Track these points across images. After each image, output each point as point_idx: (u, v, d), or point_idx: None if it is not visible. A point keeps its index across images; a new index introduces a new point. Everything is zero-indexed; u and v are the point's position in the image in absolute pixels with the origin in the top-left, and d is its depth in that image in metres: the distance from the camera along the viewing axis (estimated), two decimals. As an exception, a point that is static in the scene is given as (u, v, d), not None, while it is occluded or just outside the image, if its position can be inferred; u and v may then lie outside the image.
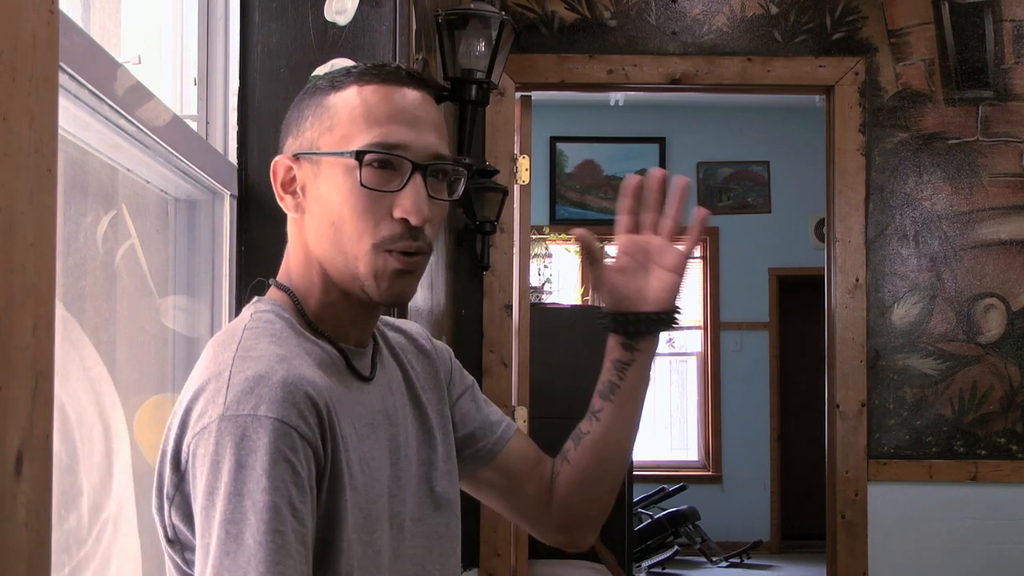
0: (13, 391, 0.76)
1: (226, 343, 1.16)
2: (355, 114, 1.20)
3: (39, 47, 0.80)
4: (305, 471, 1.08)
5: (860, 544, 3.97)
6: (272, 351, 1.13)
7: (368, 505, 1.17)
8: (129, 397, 1.63)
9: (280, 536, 1.03)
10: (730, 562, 7.67)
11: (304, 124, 1.23)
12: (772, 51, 4.06)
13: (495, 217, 3.83)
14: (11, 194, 0.76)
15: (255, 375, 1.09)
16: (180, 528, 1.11)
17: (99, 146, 1.51)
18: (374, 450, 1.20)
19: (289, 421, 1.07)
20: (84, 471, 1.35)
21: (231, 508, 1.04)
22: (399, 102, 1.21)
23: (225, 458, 1.05)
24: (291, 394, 1.08)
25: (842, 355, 4.01)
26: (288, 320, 1.21)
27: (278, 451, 1.05)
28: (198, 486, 1.07)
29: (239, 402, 1.07)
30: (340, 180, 1.19)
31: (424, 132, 1.21)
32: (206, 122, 2.05)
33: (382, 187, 1.18)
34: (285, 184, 1.24)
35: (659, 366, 8.43)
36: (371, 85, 1.21)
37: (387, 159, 1.18)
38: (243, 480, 1.04)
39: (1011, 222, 4.03)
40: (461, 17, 2.93)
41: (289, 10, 2.11)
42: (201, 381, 1.12)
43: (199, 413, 1.09)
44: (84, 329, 1.48)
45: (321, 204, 1.21)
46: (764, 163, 8.18)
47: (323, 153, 1.20)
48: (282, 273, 1.27)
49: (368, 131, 1.19)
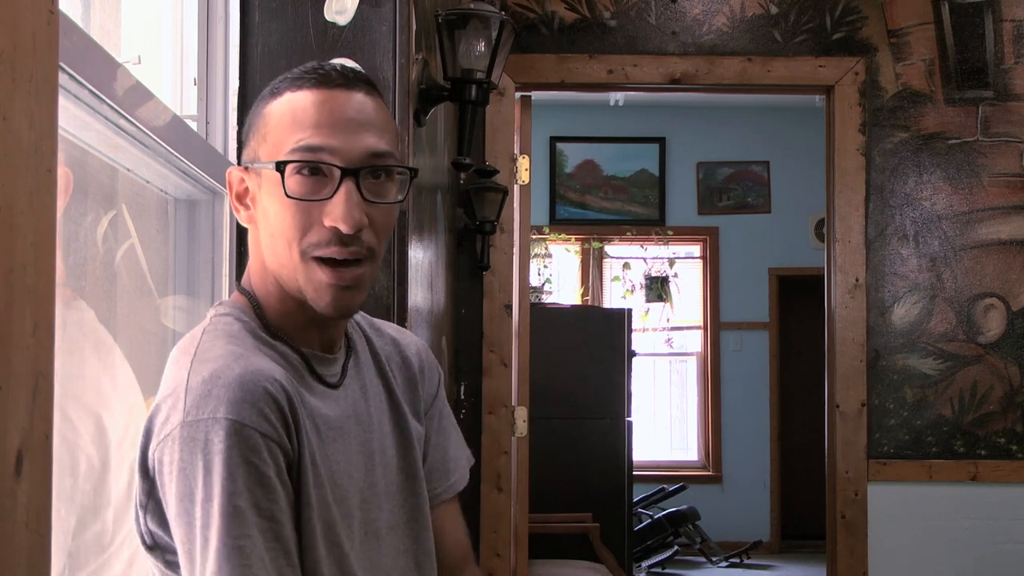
0: (13, 391, 0.76)
1: (186, 348, 1.16)
2: (283, 122, 1.17)
3: (39, 47, 0.80)
4: (272, 468, 1.07)
5: (860, 544, 3.97)
6: (228, 350, 1.13)
7: (334, 507, 1.16)
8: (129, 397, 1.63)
9: (248, 539, 1.04)
10: (730, 562, 7.67)
11: (250, 134, 1.22)
12: (772, 51, 4.06)
13: (495, 217, 3.83)
14: (11, 194, 0.76)
15: (210, 374, 1.09)
16: (157, 533, 1.12)
17: (99, 146, 1.51)
18: (340, 454, 1.19)
19: (249, 422, 1.06)
20: (114, 478, 1.36)
21: (202, 513, 1.05)
22: (329, 105, 1.17)
23: (190, 464, 1.06)
24: (248, 392, 1.08)
25: (842, 355, 4.01)
26: (246, 323, 1.20)
27: (239, 453, 1.05)
28: (169, 493, 1.07)
29: (198, 406, 1.07)
30: (274, 190, 1.16)
31: (357, 134, 1.17)
32: (206, 122, 2.05)
33: (310, 196, 1.15)
34: (240, 195, 1.23)
35: (659, 366, 8.43)
36: (303, 90, 1.18)
37: (317, 166, 1.15)
38: (209, 484, 1.05)
39: (1011, 222, 4.03)
40: (461, 17, 2.93)
41: (289, 10, 2.11)
42: (163, 387, 1.13)
43: (162, 420, 1.09)
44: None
45: (263, 216, 1.19)
46: (764, 163, 8.18)
47: (259, 164, 1.19)
48: (245, 278, 1.26)
49: (293, 138, 1.16)
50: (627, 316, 5.76)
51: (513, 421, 3.93)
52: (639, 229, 8.09)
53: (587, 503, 5.46)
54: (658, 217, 8.15)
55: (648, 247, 8.18)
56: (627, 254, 8.28)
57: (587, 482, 5.55)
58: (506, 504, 3.91)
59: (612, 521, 5.44)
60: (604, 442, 5.61)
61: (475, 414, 3.90)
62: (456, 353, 3.88)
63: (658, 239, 8.09)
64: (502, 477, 3.90)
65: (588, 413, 5.62)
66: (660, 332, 8.31)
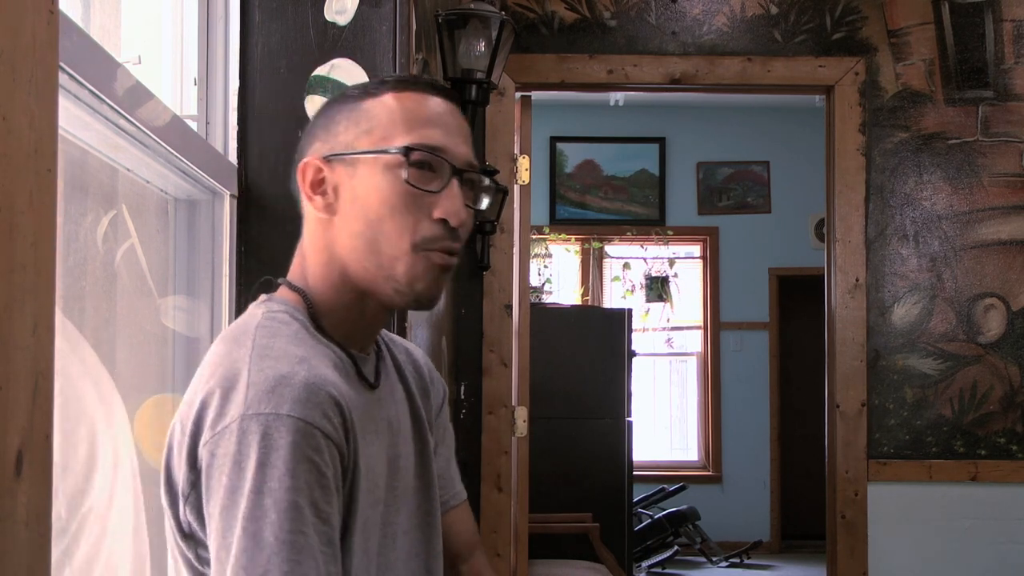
0: (13, 391, 0.76)
1: (239, 340, 1.16)
2: (394, 117, 1.22)
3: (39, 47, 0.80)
4: (331, 471, 1.07)
5: (860, 544, 3.97)
6: (291, 351, 1.13)
7: (369, 510, 1.18)
8: (129, 397, 1.63)
9: (302, 536, 1.03)
10: (730, 562, 7.66)
11: (336, 128, 1.24)
12: (772, 51, 4.06)
13: (495, 217, 3.83)
14: (11, 194, 0.76)
15: (277, 375, 1.09)
16: (195, 526, 1.11)
17: (99, 146, 1.51)
18: (375, 457, 1.20)
19: (313, 422, 1.07)
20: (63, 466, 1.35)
21: (252, 506, 1.03)
22: (435, 109, 1.23)
23: (247, 457, 1.05)
24: (314, 394, 1.08)
25: (842, 355, 4.01)
26: (302, 321, 1.21)
27: (301, 451, 1.05)
28: (218, 485, 1.06)
29: (260, 401, 1.07)
30: (379, 180, 1.20)
31: (459, 140, 1.23)
32: (206, 122, 2.05)
33: (424, 186, 1.19)
34: (314, 185, 1.24)
35: (659, 366, 8.43)
36: (407, 92, 1.23)
37: (428, 160, 1.20)
38: (265, 479, 1.04)
39: (1011, 222, 4.03)
40: (461, 17, 2.93)
41: (289, 10, 2.11)
42: (216, 378, 1.11)
43: (217, 412, 1.08)
44: (84, 329, 1.48)
45: (356, 204, 1.21)
46: (764, 163, 8.18)
47: (363, 152, 1.21)
48: (295, 274, 1.26)
49: (408, 133, 1.21)
50: (627, 316, 5.75)
51: (513, 421, 3.93)
52: (639, 229, 8.09)
53: (587, 503, 5.46)
54: (658, 217, 8.15)
55: (648, 247, 8.18)
56: (627, 254, 8.27)
57: (587, 482, 5.55)
58: (506, 504, 3.91)
59: (612, 521, 5.44)
60: (604, 442, 5.60)
61: (475, 414, 3.90)
62: (456, 353, 3.88)
63: (658, 239, 8.09)
64: (502, 477, 3.90)
65: (588, 413, 5.62)
66: (660, 332, 8.31)
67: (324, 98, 2.10)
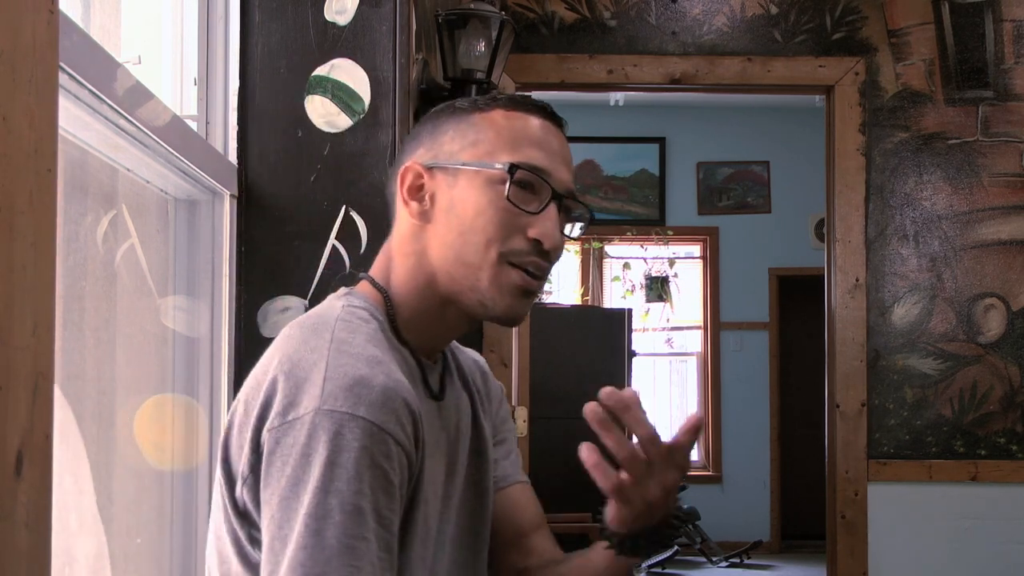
0: (13, 391, 0.76)
1: (317, 330, 1.14)
2: (502, 134, 1.22)
3: (39, 47, 0.80)
4: (398, 478, 1.07)
5: (860, 544, 3.96)
6: (369, 351, 1.12)
7: (429, 521, 1.17)
8: (129, 397, 1.63)
9: (363, 542, 1.02)
10: (730, 562, 7.66)
11: (443, 137, 1.24)
12: (772, 51, 4.06)
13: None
14: (11, 194, 0.76)
15: (356, 375, 1.07)
16: (250, 507, 1.10)
17: (99, 146, 1.51)
18: (434, 468, 1.20)
19: (386, 427, 1.06)
20: None
21: (316, 503, 1.02)
22: (543, 132, 1.24)
23: (316, 452, 1.03)
24: (390, 399, 1.07)
25: (842, 355, 4.01)
26: (380, 322, 1.20)
27: (371, 455, 1.04)
28: (279, 474, 1.05)
29: (337, 398, 1.05)
30: (479, 193, 1.20)
31: (563, 166, 1.24)
32: (206, 122, 2.05)
33: (524, 206, 1.20)
34: (412, 190, 1.24)
35: (659, 366, 8.43)
36: (517, 112, 1.24)
37: (530, 181, 1.20)
38: (332, 478, 1.03)
39: (1011, 222, 4.03)
40: (461, 17, 2.93)
41: (289, 10, 2.11)
42: (289, 364, 1.10)
43: (288, 399, 1.07)
44: (84, 329, 1.48)
45: (452, 214, 1.21)
46: (764, 163, 8.18)
47: (467, 164, 1.21)
48: (378, 272, 1.26)
49: (514, 152, 1.21)
50: (627, 316, 5.76)
51: (513, 421, 3.93)
52: (639, 229, 8.09)
53: (587, 503, 5.46)
54: (658, 217, 8.15)
55: (648, 247, 8.18)
56: (627, 254, 8.28)
57: (587, 482, 5.51)
58: (506, 504, 3.90)
59: (612, 521, 5.43)
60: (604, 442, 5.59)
61: (475, 414, 3.90)
62: (456, 353, 3.88)
63: (658, 239, 8.09)
64: (502, 477, 3.90)
65: (588, 413, 5.61)
66: (660, 332, 8.31)
67: (324, 98, 2.10)
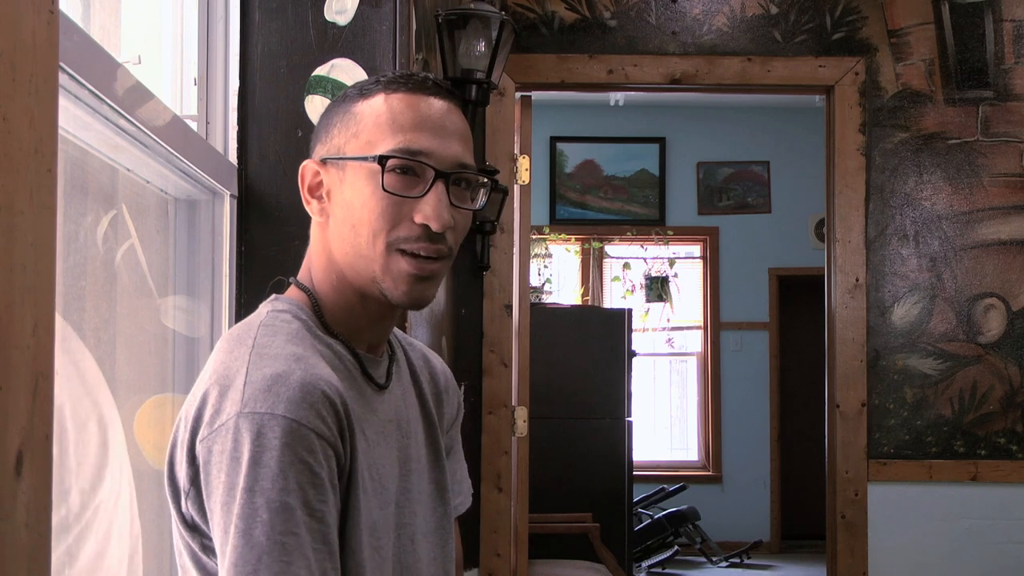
0: (13, 391, 0.76)
1: (241, 339, 1.17)
2: (380, 120, 1.22)
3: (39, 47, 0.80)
4: (325, 470, 1.08)
5: (860, 544, 3.96)
6: (289, 349, 1.14)
7: (378, 511, 1.18)
8: (129, 397, 1.63)
9: (293, 537, 1.04)
10: (730, 562, 7.66)
11: (332, 130, 1.25)
12: (772, 51, 4.06)
13: (495, 217, 3.83)
14: (11, 194, 0.76)
15: (273, 374, 1.10)
16: (197, 519, 1.13)
17: (99, 146, 1.51)
18: (383, 458, 1.21)
19: (306, 422, 1.07)
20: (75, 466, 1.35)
21: (243, 504, 1.04)
22: (425, 110, 1.22)
23: (243, 454, 1.06)
24: (308, 394, 1.09)
25: (842, 355, 4.01)
26: (305, 321, 1.22)
27: (294, 452, 1.06)
28: (216, 482, 1.07)
29: (256, 400, 1.08)
30: (363, 185, 1.20)
31: (449, 141, 1.22)
32: (206, 122, 2.05)
33: (404, 192, 1.19)
34: (312, 188, 1.25)
35: (659, 366, 8.43)
36: (398, 93, 1.23)
37: (410, 165, 1.20)
38: (257, 477, 1.05)
39: (1011, 222, 4.03)
40: (461, 17, 2.93)
41: (289, 10, 2.11)
42: (216, 376, 1.13)
43: (215, 409, 1.10)
44: (84, 329, 1.48)
45: (344, 208, 1.22)
46: (764, 163, 8.18)
47: (348, 158, 1.22)
48: (303, 274, 1.28)
49: (392, 137, 1.20)
50: (627, 316, 5.75)
51: (513, 421, 3.93)
52: (639, 229, 8.09)
53: (587, 503, 5.46)
54: (658, 217, 8.15)
55: (648, 247, 8.18)
56: (627, 254, 8.27)
57: (587, 482, 5.55)
58: (506, 504, 3.91)
59: (612, 521, 5.44)
60: (604, 442, 5.60)
61: (475, 414, 3.90)
62: (456, 353, 3.88)
63: (658, 239, 8.09)
64: (502, 477, 3.90)
65: (588, 413, 5.62)
66: (660, 332, 8.31)
67: (324, 98, 2.10)
